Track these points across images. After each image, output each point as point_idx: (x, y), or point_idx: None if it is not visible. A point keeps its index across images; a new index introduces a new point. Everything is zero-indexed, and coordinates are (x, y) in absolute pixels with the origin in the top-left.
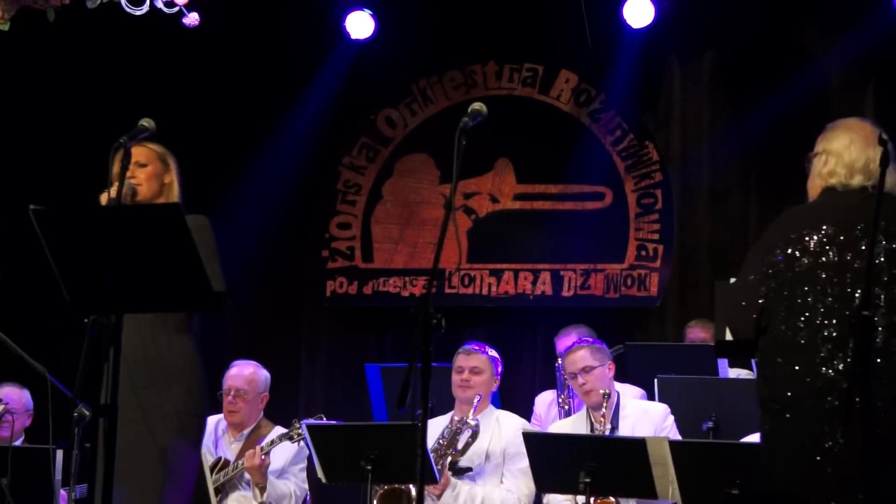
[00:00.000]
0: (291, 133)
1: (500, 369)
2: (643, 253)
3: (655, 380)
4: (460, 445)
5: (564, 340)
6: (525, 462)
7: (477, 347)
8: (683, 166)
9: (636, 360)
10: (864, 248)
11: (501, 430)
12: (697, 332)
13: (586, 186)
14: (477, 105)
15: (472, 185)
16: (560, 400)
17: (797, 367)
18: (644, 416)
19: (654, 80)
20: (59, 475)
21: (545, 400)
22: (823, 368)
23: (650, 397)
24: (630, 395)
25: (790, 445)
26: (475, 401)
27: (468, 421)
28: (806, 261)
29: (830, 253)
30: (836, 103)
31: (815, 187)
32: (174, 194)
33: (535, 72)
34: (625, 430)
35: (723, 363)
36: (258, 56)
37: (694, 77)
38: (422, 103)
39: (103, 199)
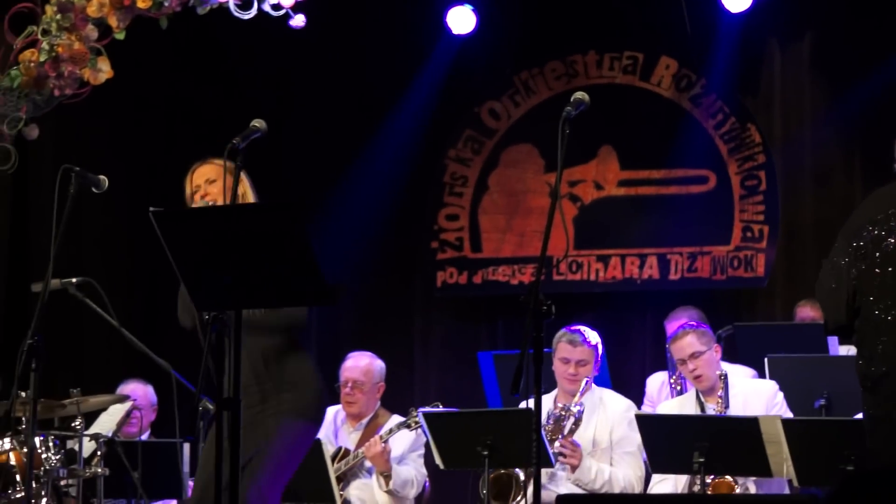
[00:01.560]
0: (397, 128)
1: (601, 352)
2: (749, 234)
3: (766, 359)
4: (566, 432)
5: (675, 323)
6: (633, 445)
7: (580, 337)
8: (786, 147)
9: (746, 341)
10: None
11: (607, 413)
12: (807, 311)
13: (690, 170)
14: (579, 94)
15: (576, 172)
16: (672, 381)
17: (890, 346)
18: (754, 395)
19: (755, 63)
20: (186, 468)
21: (657, 381)
22: None
23: (761, 377)
24: (741, 376)
25: (888, 422)
26: (581, 387)
27: (571, 408)
28: (892, 241)
29: None
30: None
31: None
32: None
33: (635, 59)
34: (736, 409)
35: (833, 340)
36: (363, 54)
37: (794, 59)
38: (524, 94)
39: None
